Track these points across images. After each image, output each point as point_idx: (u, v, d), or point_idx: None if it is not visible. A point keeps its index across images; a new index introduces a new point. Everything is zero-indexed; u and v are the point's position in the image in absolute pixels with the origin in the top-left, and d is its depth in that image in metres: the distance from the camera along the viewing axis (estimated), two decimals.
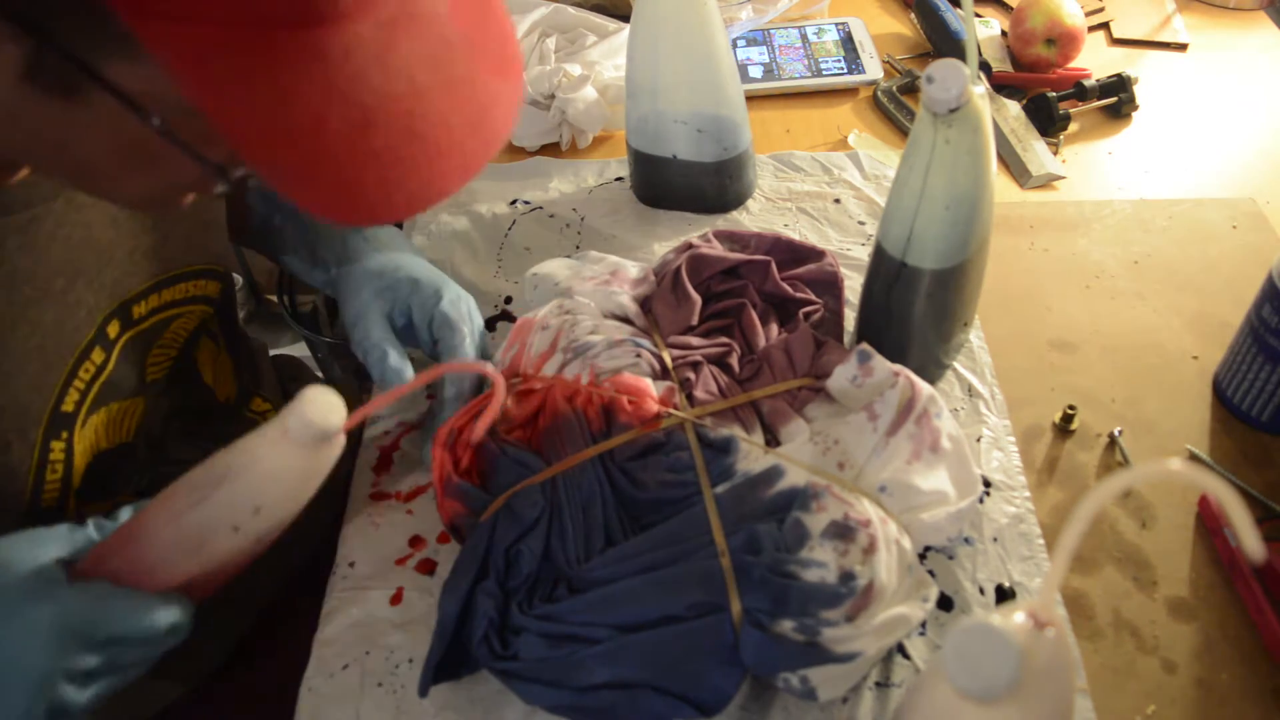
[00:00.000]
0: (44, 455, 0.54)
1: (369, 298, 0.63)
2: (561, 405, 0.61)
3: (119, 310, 0.57)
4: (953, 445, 0.57)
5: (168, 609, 0.45)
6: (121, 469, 0.60)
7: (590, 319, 0.66)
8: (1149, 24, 1.05)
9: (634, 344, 0.64)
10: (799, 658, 0.49)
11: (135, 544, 0.45)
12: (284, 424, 0.44)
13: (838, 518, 0.53)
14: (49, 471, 0.55)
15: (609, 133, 0.93)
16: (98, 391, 0.57)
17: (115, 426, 0.59)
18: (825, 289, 0.69)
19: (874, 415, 0.58)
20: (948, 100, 0.51)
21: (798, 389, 0.62)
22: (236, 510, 0.45)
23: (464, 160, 0.39)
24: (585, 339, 0.64)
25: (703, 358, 0.64)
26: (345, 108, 0.35)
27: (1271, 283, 0.61)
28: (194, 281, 0.64)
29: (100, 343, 0.56)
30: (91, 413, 0.57)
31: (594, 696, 0.50)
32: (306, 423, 0.43)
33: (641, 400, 0.60)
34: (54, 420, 0.54)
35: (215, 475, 0.45)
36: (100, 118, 0.38)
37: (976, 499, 0.58)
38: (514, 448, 0.59)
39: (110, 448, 0.59)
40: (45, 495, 0.55)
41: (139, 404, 0.61)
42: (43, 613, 0.42)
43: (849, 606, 0.50)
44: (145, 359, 0.61)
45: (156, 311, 0.61)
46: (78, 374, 0.55)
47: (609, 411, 0.60)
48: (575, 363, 0.63)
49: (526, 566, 0.55)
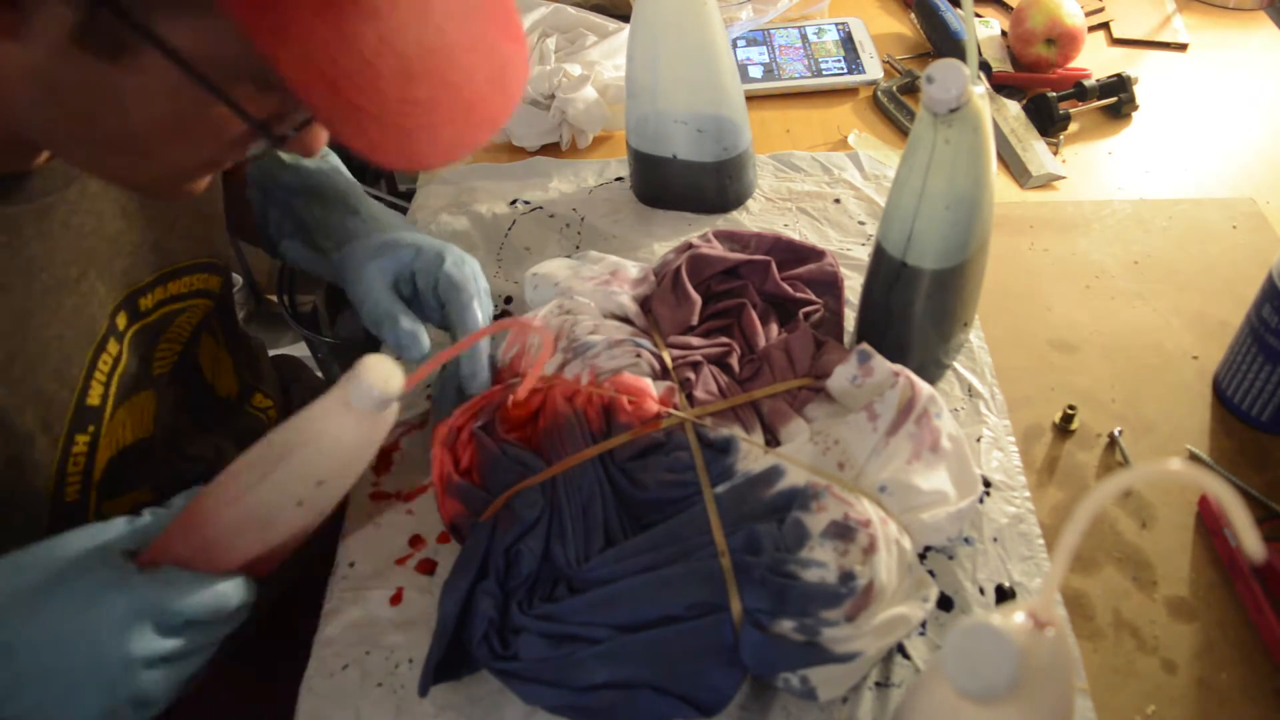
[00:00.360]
0: (68, 449, 0.54)
1: (373, 272, 0.62)
2: (561, 405, 0.61)
3: (127, 302, 0.57)
4: (953, 445, 0.57)
5: (236, 588, 0.45)
6: (141, 464, 0.60)
7: (590, 319, 0.66)
8: (1149, 24, 1.05)
9: (634, 344, 0.64)
10: (799, 658, 0.49)
11: (199, 528, 0.45)
12: (344, 394, 0.44)
13: (838, 518, 0.53)
14: (70, 465, 0.54)
15: (609, 133, 0.93)
16: (118, 385, 0.56)
17: (137, 420, 0.59)
18: (825, 289, 0.69)
19: (874, 415, 0.58)
20: (948, 100, 0.51)
21: (798, 389, 0.62)
22: (300, 484, 0.45)
23: (490, 113, 0.43)
24: (585, 339, 0.64)
25: (703, 358, 0.64)
26: (393, 57, 0.38)
27: (1271, 283, 0.61)
28: (197, 275, 0.64)
29: (113, 334, 0.56)
30: (118, 406, 0.57)
31: (594, 696, 0.50)
32: (368, 390, 0.43)
33: (641, 400, 0.60)
34: (79, 413, 0.54)
35: (275, 452, 0.45)
36: (146, 80, 0.38)
37: (977, 499, 0.58)
38: (514, 447, 0.59)
39: (132, 442, 0.59)
40: (68, 491, 0.54)
41: (150, 398, 0.61)
42: (118, 601, 0.42)
43: (849, 606, 0.50)
44: (153, 352, 0.61)
45: (162, 305, 0.61)
46: (98, 366, 0.55)
47: (609, 411, 0.60)
48: (575, 362, 0.63)
49: (526, 566, 0.55)
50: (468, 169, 0.90)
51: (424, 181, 0.90)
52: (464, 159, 0.42)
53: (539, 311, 0.67)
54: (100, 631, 0.42)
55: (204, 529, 0.45)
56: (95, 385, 0.55)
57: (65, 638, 0.41)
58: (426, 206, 0.86)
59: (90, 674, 0.41)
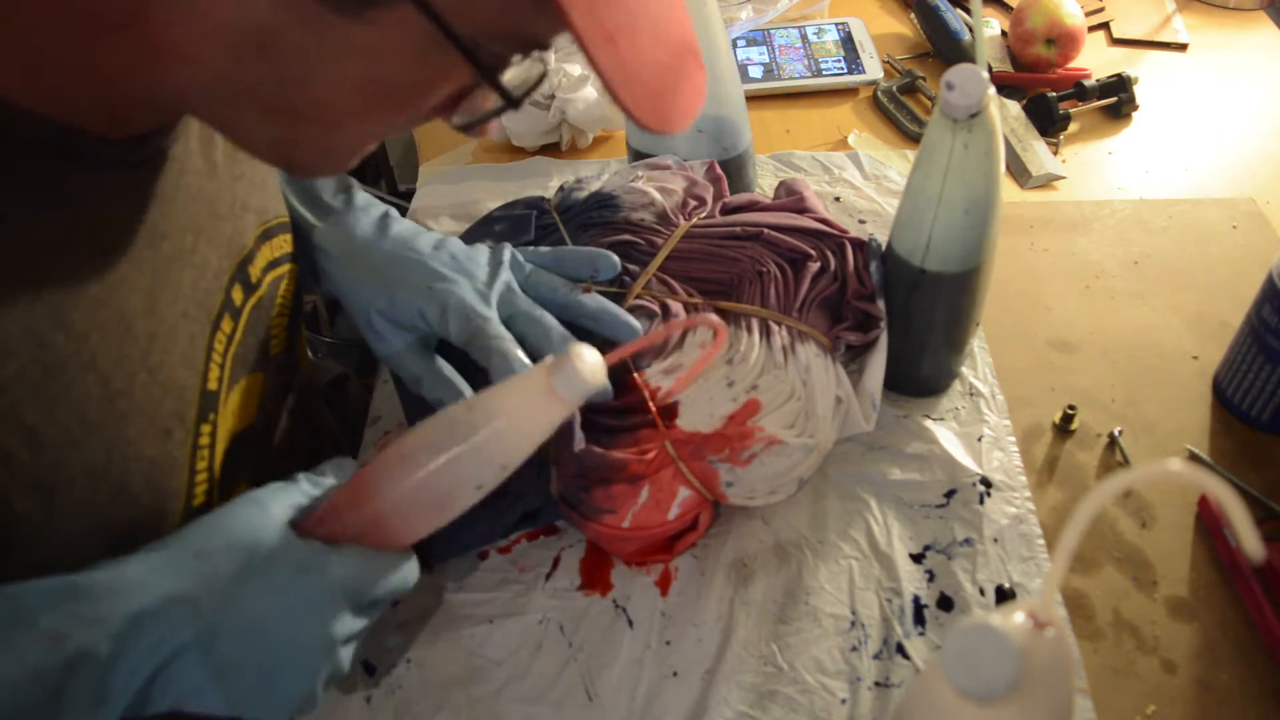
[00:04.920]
0: (196, 442, 0.49)
1: (394, 344, 0.59)
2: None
3: (239, 272, 0.53)
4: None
5: (413, 567, 0.45)
6: (243, 455, 0.55)
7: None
8: (1149, 24, 1.05)
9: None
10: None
11: (367, 503, 0.44)
12: (545, 381, 0.42)
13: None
14: (199, 460, 0.49)
15: (609, 133, 0.93)
16: (231, 366, 0.52)
17: (245, 406, 0.55)
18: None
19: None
20: (969, 106, 0.51)
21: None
22: (485, 468, 0.43)
23: (699, 78, 0.43)
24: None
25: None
26: (645, 19, 0.38)
27: (1271, 283, 0.61)
28: (284, 236, 0.59)
29: (229, 310, 0.52)
30: (230, 390, 0.52)
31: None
32: (580, 380, 0.42)
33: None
34: (204, 400, 0.49)
35: (460, 431, 0.43)
36: (384, 39, 0.36)
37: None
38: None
39: (240, 430, 0.54)
40: (196, 491, 0.49)
41: (259, 380, 0.56)
42: (315, 584, 0.41)
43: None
44: (268, 330, 0.57)
45: (266, 272, 0.56)
46: (214, 346, 0.50)
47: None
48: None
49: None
50: (468, 169, 0.90)
51: (424, 181, 0.90)
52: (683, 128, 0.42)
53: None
54: (305, 614, 0.41)
55: (374, 504, 0.44)
56: (214, 368, 0.50)
57: (266, 624, 0.40)
58: (427, 206, 0.86)
59: (293, 658, 0.41)
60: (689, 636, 0.56)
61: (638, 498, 0.56)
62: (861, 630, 0.56)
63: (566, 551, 0.60)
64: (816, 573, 0.58)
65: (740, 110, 0.78)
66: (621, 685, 0.54)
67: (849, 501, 0.62)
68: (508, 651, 0.55)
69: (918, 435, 0.65)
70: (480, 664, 0.55)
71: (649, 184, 0.72)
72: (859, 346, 0.66)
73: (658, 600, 0.57)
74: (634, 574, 0.59)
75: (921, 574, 0.58)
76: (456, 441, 0.43)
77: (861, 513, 0.61)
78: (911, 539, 0.60)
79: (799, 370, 0.60)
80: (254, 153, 0.44)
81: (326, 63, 0.37)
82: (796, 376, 0.60)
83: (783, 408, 0.59)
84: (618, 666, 0.55)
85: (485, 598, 0.58)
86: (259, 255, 0.55)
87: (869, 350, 0.65)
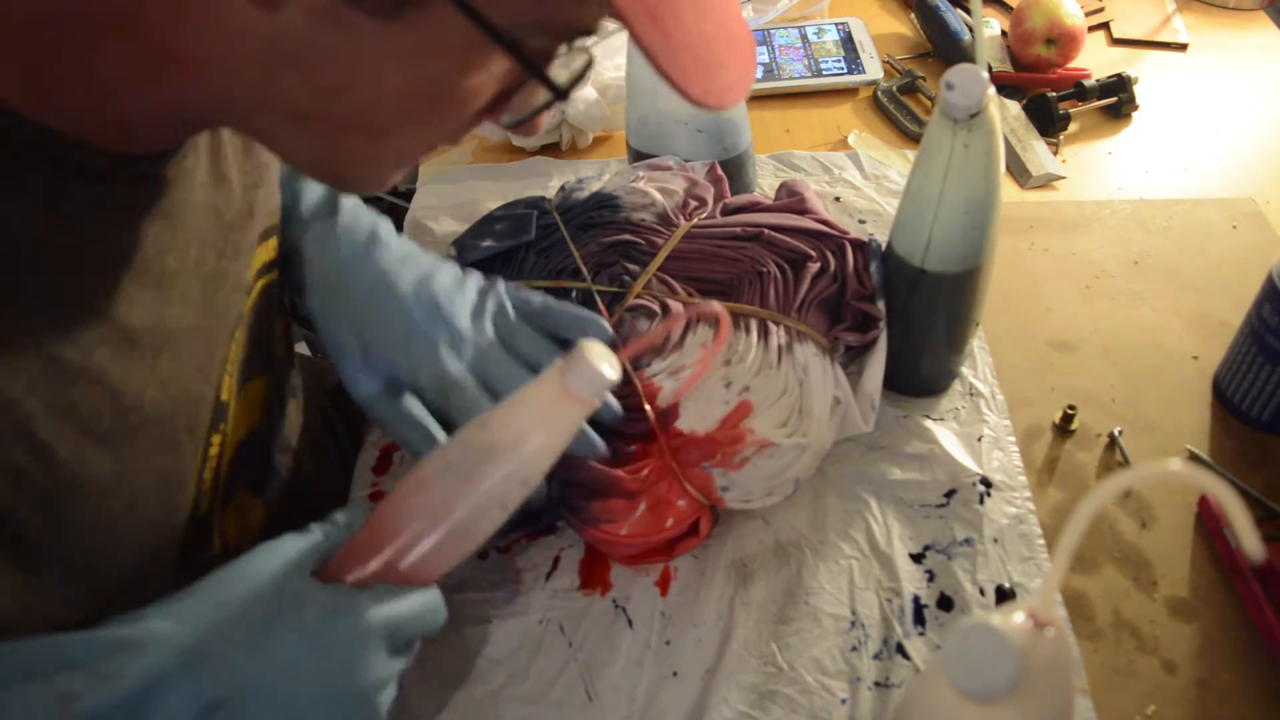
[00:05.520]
0: (205, 454, 0.48)
1: (369, 388, 0.56)
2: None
3: (250, 280, 0.52)
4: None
5: (439, 600, 0.44)
6: (244, 462, 0.54)
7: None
8: (1149, 24, 1.05)
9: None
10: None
11: (388, 540, 0.42)
12: (560, 382, 0.40)
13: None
14: (207, 471, 0.48)
15: (609, 133, 0.93)
16: (239, 373, 0.52)
17: (249, 411, 0.54)
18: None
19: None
20: (969, 106, 0.51)
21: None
22: (510, 487, 0.42)
23: (750, 56, 0.41)
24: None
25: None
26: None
27: (1271, 283, 0.61)
28: (275, 239, 0.57)
29: (239, 319, 0.52)
30: (236, 396, 0.51)
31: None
32: (597, 375, 0.40)
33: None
34: (217, 412, 0.49)
35: (476, 455, 0.41)
36: (422, 40, 0.35)
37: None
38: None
39: (244, 436, 0.53)
40: (201, 504, 0.48)
41: (262, 385, 0.55)
42: (347, 626, 0.40)
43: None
44: (273, 331, 0.56)
45: (262, 274, 0.55)
46: (229, 356, 0.50)
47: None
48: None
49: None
50: (468, 169, 0.90)
51: (424, 181, 0.89)
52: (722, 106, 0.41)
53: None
54: (335, 659, 0.39)
55: (394, 540, 0.42)
56: (227, 379, 0.50)
57: (298, 675, 0.39)
58: (427, 206, 0.86)
59: (327, 705, 0.39)
60: (689, 636, 0.56)
61: (634, 511, 0.57)
62: (861, 630, 0.56)
63: (566, 551, 0.60)
64: (816, 573, 0.58)
65: (740, 110, 0.78)
66: (621, 685, 0.54)
67: (849, 501, 0.62)
68: (508, 651, 0.55)
69: (918, 435, 0.65)
70: (480, 664, 0.55)
71: (650, 184, 0.72)
72: (858, 347, 0.66)
73: (658, 600, 0.57)
74: (634, 574, 0.59)
75: (921, 574, 0.58)
76: (476, 463, 0.41)
77: (861, 513, 0.61)
78: (911, 539, 0.60)
79: (794, 369, 0.61)
80: (300, 167, 0.43)
81: (364, 70, 0.35)
82: (791, 375, 0.60)
83: (775, 405, 0.59)
84: (617, 666, 0.55)
85: (485, 598, 0.58)
86: (258, 259, 0.55)
87: (868, 351, 0.65)
